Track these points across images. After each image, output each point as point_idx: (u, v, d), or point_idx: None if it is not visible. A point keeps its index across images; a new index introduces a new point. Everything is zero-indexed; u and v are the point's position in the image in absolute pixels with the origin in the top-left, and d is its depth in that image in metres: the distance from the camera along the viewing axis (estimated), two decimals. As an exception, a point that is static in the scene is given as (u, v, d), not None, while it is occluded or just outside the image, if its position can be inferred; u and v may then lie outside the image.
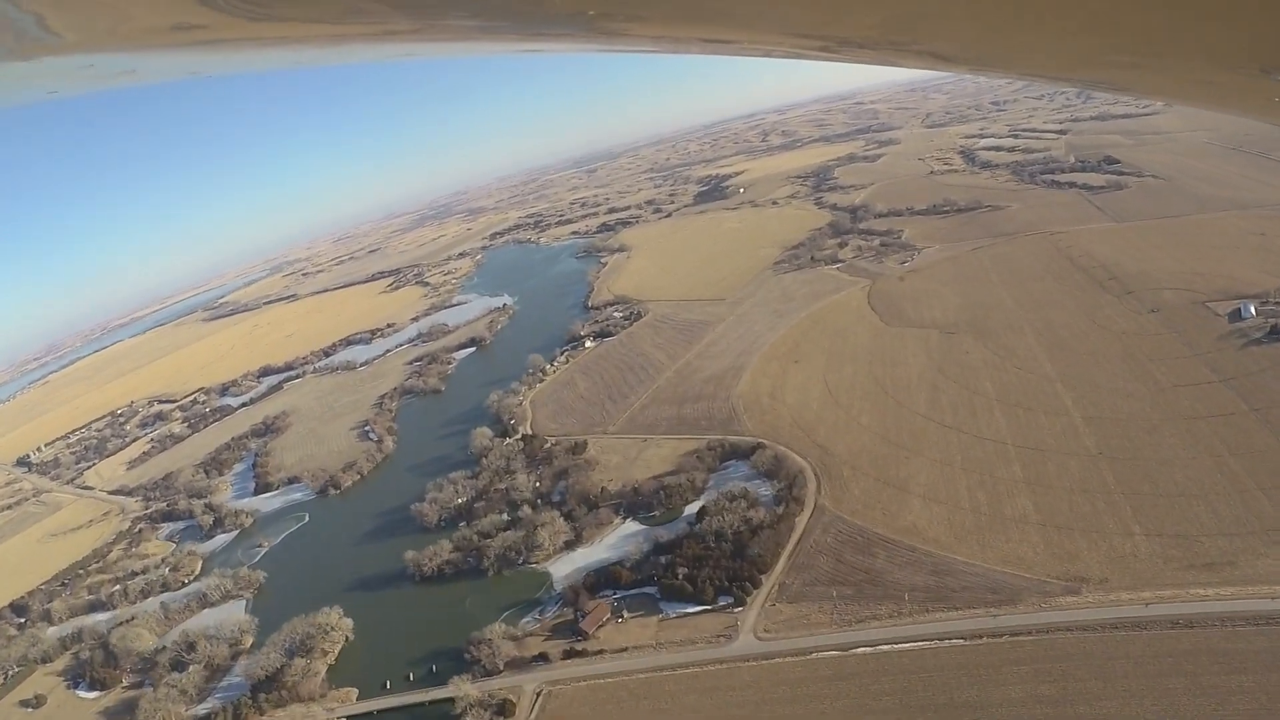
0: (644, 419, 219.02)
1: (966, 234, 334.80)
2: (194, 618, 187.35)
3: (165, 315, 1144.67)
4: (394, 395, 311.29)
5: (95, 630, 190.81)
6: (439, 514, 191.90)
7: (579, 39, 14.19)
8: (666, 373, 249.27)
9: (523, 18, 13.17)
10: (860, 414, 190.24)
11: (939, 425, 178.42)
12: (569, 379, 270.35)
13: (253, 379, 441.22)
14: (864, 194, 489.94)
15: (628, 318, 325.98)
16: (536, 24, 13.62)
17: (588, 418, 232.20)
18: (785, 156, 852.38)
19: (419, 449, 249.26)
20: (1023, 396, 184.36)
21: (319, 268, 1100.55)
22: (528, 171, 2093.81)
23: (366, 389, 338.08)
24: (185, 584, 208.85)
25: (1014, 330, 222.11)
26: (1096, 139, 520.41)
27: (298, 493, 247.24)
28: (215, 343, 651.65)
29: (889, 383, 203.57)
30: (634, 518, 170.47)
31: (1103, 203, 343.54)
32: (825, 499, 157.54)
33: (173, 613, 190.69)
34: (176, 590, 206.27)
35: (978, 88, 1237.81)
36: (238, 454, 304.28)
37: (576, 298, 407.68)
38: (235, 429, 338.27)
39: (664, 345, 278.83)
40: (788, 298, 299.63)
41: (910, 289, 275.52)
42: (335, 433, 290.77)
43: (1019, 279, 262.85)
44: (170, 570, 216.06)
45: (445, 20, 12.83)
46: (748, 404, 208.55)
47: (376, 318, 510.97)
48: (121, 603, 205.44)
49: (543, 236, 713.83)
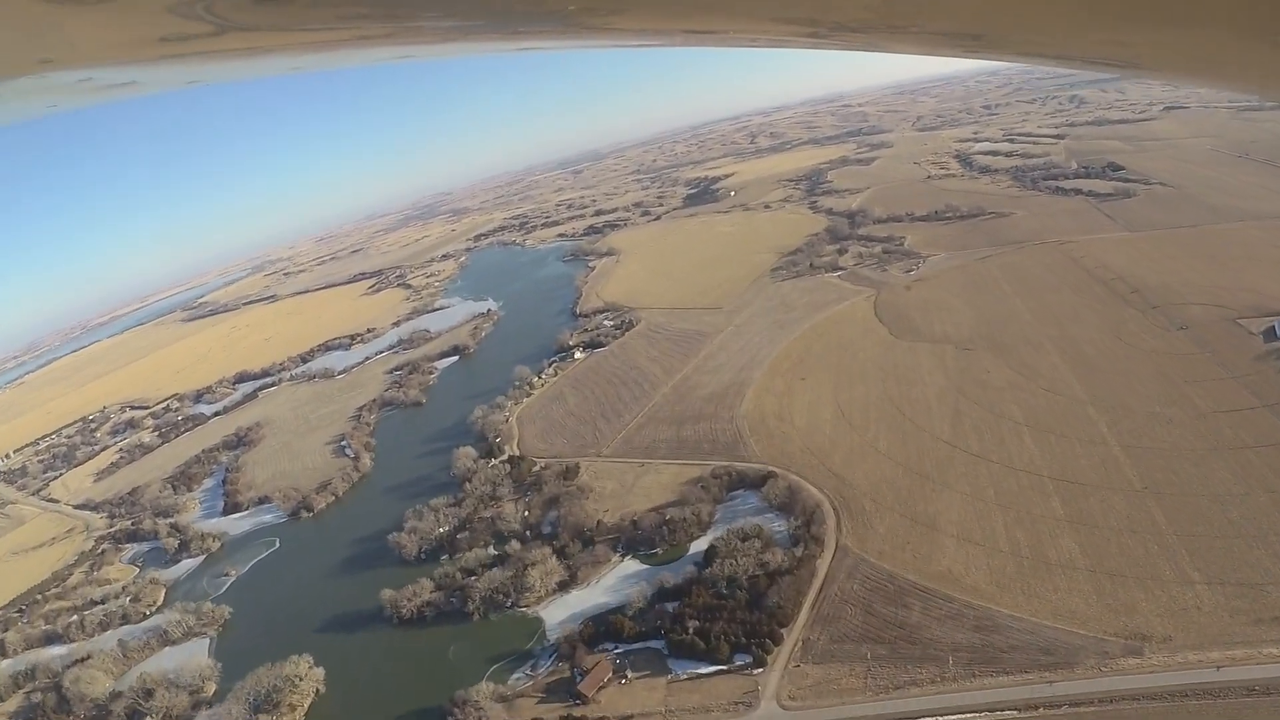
0: (640, 440, 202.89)
1: (972, 242, 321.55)
2: (154, 656, 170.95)
3: (145, 315, 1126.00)
4: (373, 407, 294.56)
5: (50, 668, 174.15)
6: (419, 546, 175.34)
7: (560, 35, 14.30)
8: (663, 389, 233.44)
9: (500, 16, 12.97)
10: (877, 439, 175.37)
11: (965, 453, 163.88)
12: (558, 393, 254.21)
13: (228, 385, 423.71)
14: (860, 198, 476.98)
15: (619, 327, 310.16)
16: (514, 22, 13.46)
17: (579, 437, 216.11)
18: (775, 159, 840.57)
19: (398, 468, 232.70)
20: (1053, 421, 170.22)
21: (300, 268, 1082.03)
22: (512, 172, 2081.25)
23: (344, 399, 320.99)
24: (146, 616, 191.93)
25: (1035, 347, 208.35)
26: (1095, 144, 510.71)
27: (268, 514, 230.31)
28: (192, 345, 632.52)
29: (905, 404, 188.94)
30: (634, 555, 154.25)
31: (1111, 210, 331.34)
32: (847, 538, 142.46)
33: (131, 651, 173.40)
34: (137, 623, 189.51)
35: (966, 91, 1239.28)
36: (208, 468, 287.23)
37: (564, 304, 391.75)
38: (207, 440, 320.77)
39: (659, 358, 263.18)
40: (788, 307, 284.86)
41: (918, 299, 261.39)
42: (310, 447, 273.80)
43: (1034, 290, 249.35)
44: (131, 600, 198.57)
45: (417, 22, 12.47)
46: (754, 425, 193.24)
47: (357, 322, 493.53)
48: (79, 636, 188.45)
49: (528, 239, 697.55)
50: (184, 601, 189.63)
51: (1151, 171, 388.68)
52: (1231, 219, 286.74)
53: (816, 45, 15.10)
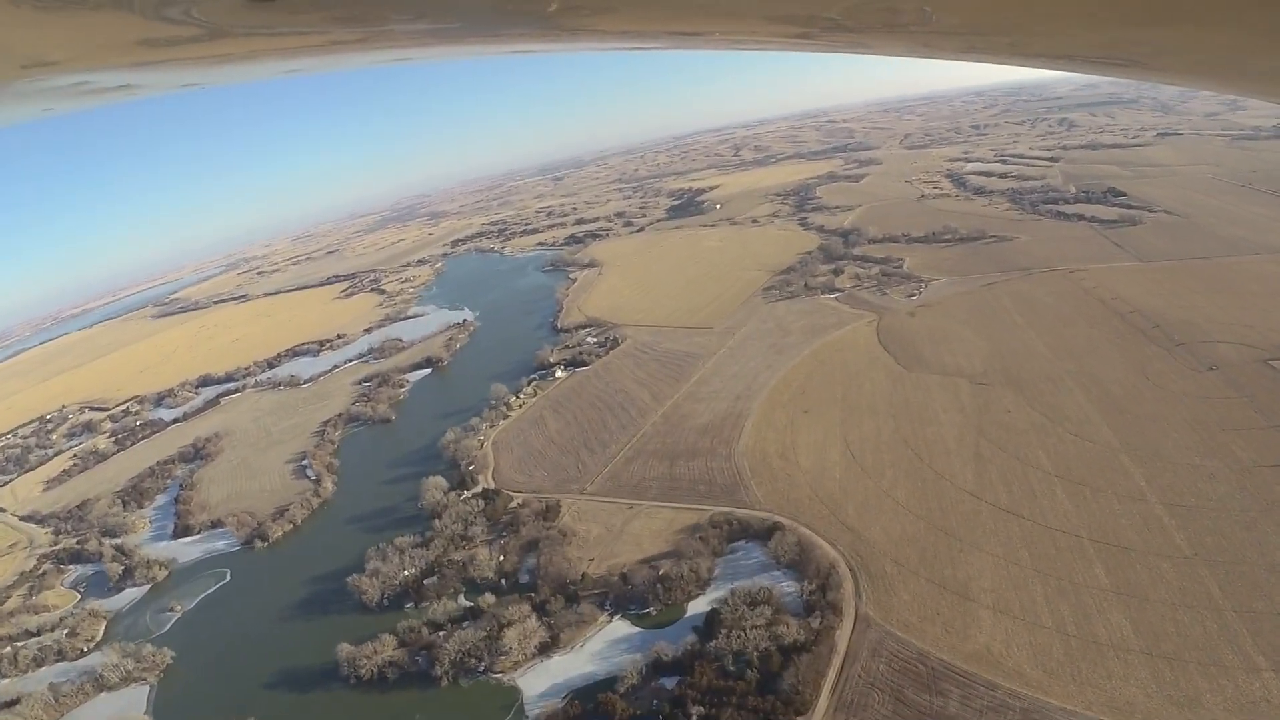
0: (629, 477, 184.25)
1: (975, 267, 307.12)
2: (87, 703, 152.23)
3: (116, 309, 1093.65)
4: (338, 422, 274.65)
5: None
6: (381, 591, 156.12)
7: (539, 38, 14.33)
8: (652, 417, 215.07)
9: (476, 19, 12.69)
10: (894, 486, 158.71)
11: (993, 507, 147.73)
12: (538, 416, 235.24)
13: (190, 389, 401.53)
14: (852, 216, 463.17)
15: (603, 344, 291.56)
16: (491, 25, 13.31)
17: (560, 470, 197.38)
18: (760, 172, 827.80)
19: (362, 495, 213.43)
20: (1086, 473, 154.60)
21: (275, 266, 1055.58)
22: (492, 177, 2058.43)
23: (309, 411, 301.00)
24: (84, 653, 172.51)
25: (1056, 384, 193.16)
26: (1092, 169, 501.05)
27: (221, 540, 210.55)
28: (159, 343, 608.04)
29: (921, 446, 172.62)
30: (624, 615, 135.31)
31: (1118, 238, 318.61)
32: (868, 606, 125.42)
33: (63, 696, 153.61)
34: (74, 660, 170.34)
35: (952, 110, 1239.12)
36: (162, 482, 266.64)
37: (544, 316, 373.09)
38: (163, 450, 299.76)
39: (647, 381, 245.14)
40: (784, 330, 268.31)
41: (924, 327, 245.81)
42: (270, 465, 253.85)
43: (1047, 322, 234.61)
44: (68, 634, 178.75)
45: (388, 26, 12.25)
46: (755, 465, 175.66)
47: (327, 327, 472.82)
48: (11, 671, 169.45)
49: (507, 246, 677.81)
50: (123, 642, 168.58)
51: (1154, 199, 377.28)
52: (1244, 251, 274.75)
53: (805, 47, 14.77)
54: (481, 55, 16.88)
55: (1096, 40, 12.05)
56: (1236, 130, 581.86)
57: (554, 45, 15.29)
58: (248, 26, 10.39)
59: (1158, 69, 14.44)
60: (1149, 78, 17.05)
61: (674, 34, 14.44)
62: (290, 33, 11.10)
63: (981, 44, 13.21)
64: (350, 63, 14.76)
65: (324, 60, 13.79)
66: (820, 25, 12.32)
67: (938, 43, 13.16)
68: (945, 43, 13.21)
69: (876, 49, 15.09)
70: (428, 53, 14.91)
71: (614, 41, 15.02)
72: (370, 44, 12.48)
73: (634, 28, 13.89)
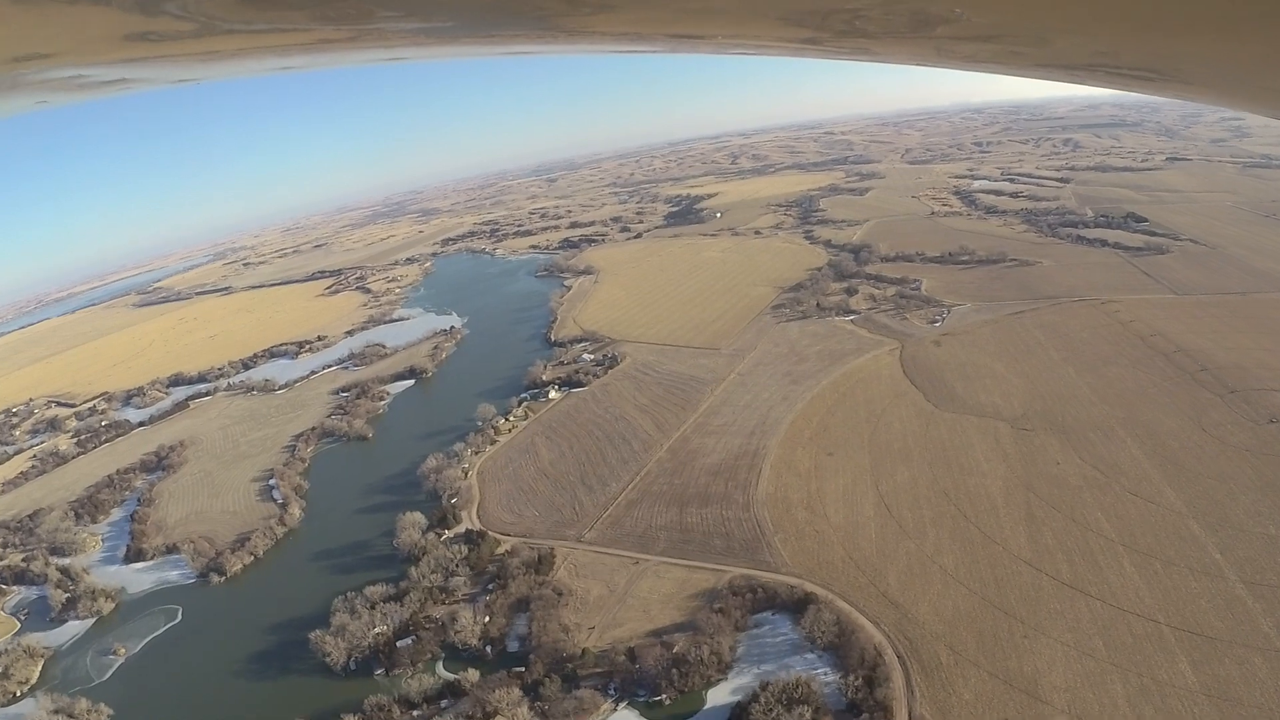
0: (633, 524, 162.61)
1: (998, 292, 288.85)
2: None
3: (100, 295, 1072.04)
4: (311, 437, 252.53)
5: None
6: (348, 653, 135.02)
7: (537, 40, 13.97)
8: (657, 451, 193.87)
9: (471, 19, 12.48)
10: (939, 550, 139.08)
11: (1054, 580, 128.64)
12: (529, 443, 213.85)
13: (160, 388, 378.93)
14: (860, 232, 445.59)
15: (600, 363, 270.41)
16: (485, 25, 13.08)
17: (554, 510, 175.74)
18: (760, 181, 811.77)
19: (332, 525, 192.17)
20: (1152, 541, 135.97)
21: (261, 258, 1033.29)
22: (485, 175, 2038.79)
23: (281, 422, 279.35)
24: (16, 697, 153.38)
25: (1105, 433, 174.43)
26: (1105, 191, 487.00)
27: (175, 570, 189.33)
28: (136, 335, 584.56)
29: (964, 500, 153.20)
30: (630, 702, 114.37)
31: (1147, 268, 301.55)
32: (924, 706, 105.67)
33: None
34: (4, 706, 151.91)
35: (952, 126, 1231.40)
36: (119, 494, 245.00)
37: (536, 327, 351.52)
38: (125, 456, 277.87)
39: (650, 408, 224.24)
40: (798, 355, 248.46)
41: (952, 359, 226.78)
42: (234, 482, 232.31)
43: (1086, 359, 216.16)
44: (1, 675, 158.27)
45: (375, 25, 12.05)
46: (777, 517, 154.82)
47: (307, 327, 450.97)
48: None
49: (499, 248, 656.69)
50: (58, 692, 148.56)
51: (1178, 226, 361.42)
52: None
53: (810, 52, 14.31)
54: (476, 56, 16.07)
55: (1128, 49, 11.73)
56: (1246, 157, 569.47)
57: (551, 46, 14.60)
58: (236, 23, 10.21)
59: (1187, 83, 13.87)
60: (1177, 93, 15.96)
61: (675, 36, 14.04)
62: (276, 30, 10.84)
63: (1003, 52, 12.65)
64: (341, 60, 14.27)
65: (314, 58, 13.47)
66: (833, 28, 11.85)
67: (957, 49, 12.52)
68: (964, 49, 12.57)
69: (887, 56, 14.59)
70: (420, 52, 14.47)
71: (613, 43, 14.40)
72: (360, 43, 12.23)
73: (634, 29, 13.45)
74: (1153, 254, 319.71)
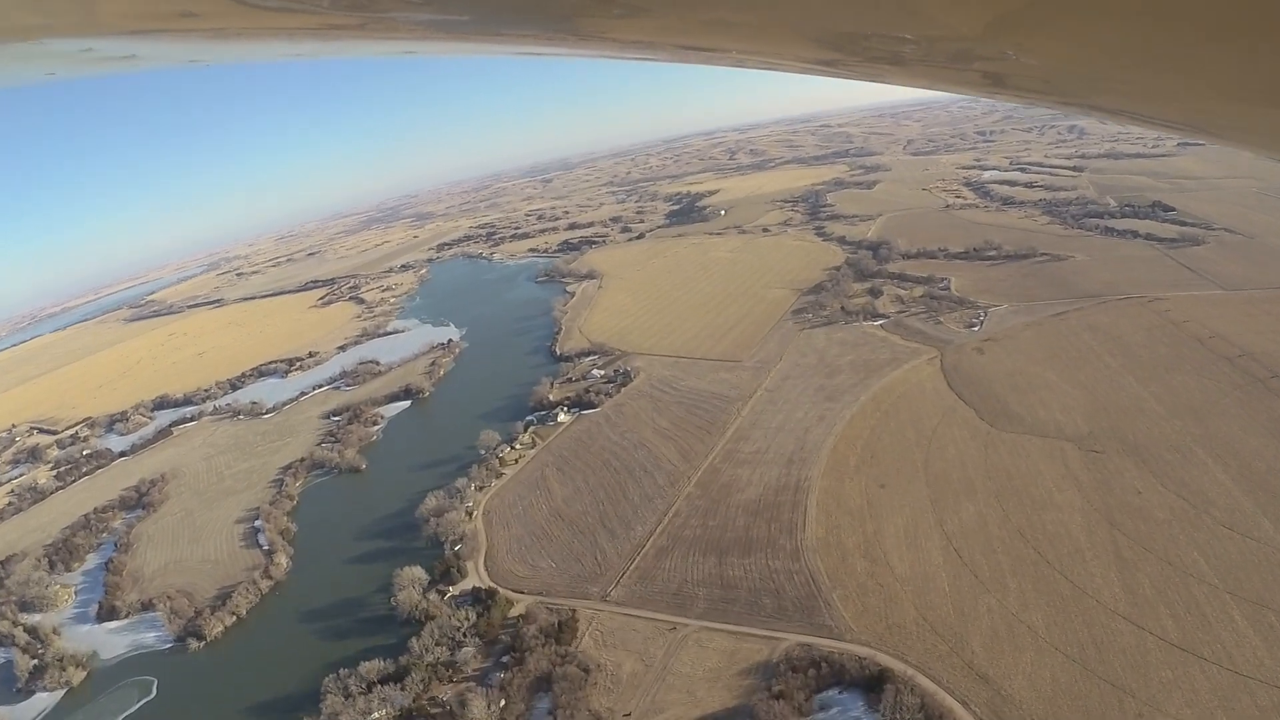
0: (665, 578, 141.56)
1: (1034, 290, 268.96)
2: None
3: (93, 309, 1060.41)
4: (299, 470, 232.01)
5: None
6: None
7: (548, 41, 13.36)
8: (684, 485, 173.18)
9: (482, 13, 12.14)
10: (1024, 605, 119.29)
11: (1160, 641, 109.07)
12: (539, 476, 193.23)
13: (145, 412, 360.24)
14: (874, 227, 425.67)
15: (612, 379, 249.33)
16: (500, 23, 12.75)
17: (573, 560, 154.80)
18: (761, 177, 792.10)
19: (322, 578, 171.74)
20: (1260, 586, 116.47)
21: (254, 268, 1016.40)
22: (479, 177, 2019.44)
23: (268, 452, 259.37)
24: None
25: (1183, 454, 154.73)
26: (1122, 179, 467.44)
27: (151, 632, 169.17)
28: (124, 352, 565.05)
29: (1043, 541, 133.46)
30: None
31: (1187, 260, 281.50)
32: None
33: None
34: None
35: (950, 116, 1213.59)
36: (96, 537, 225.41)
37: (540, 338, 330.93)
38: (104, 492, 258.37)
39: (671, 432, 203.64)
40: (829, 367, 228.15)
41: (999, 369, 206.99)
42: (217, 524, 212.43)
43: (1145, 366, 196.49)
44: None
45: (389, 14, 11.76)
46: (833, 568, 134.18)
47: (298, 342, 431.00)
48: None
49: (496, 252, 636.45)
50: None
51: (1208, 215, 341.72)
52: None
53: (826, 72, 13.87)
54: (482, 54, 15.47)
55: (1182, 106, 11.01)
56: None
57: (561, 49, 14.04)
58: None
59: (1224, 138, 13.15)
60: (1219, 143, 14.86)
61: (689, 48, 13.37)
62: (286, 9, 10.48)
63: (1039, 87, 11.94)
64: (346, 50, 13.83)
65: (319, 45, 13.20)
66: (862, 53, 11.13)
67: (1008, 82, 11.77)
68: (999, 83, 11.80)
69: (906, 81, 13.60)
70: (426, 47, 14.06)
71: (626, 50, 13.95)
72: (368, 31, 11.88)
73: (652, 38, 12.83)
74: (1188, 245, 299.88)
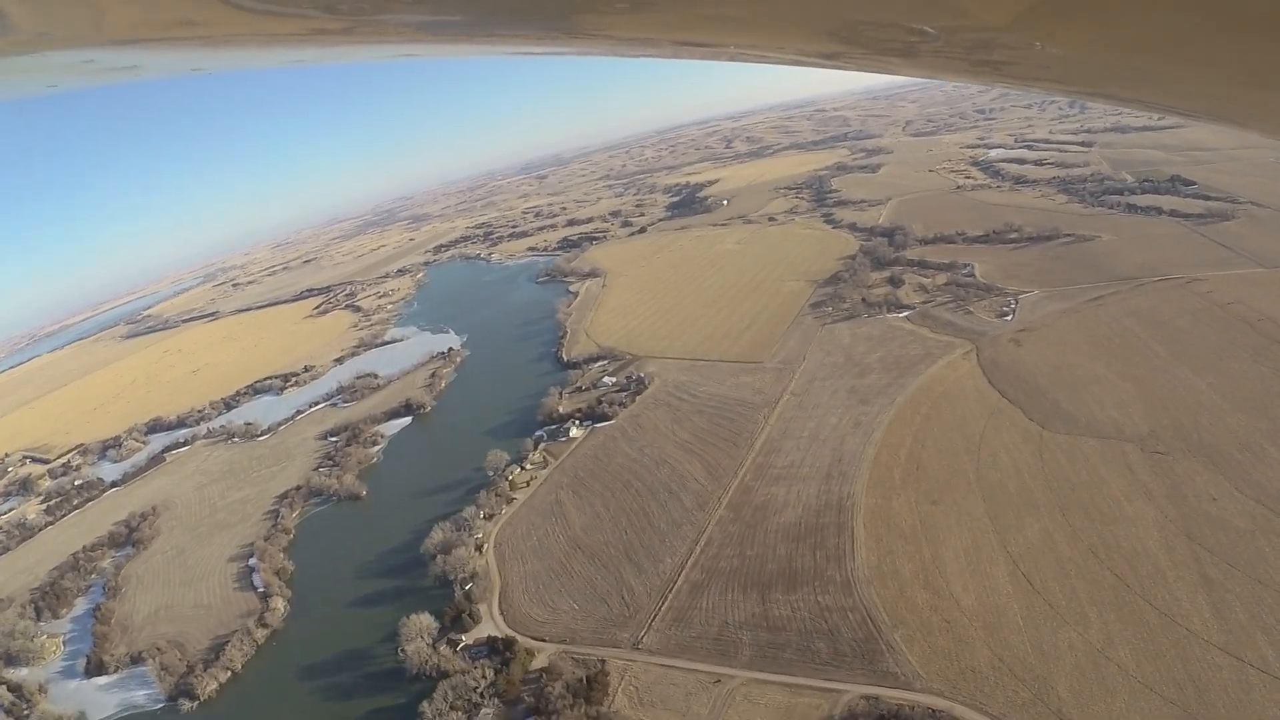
0: (702, 620, 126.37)
1: (1064, 274, 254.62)
2: None
3: (90, 326, 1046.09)
4: (296, 499, 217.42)
5: None
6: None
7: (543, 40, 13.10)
8: (714, 507, 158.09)
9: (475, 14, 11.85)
10: (1110, 640, 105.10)
11: (1263, 675, 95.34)
12: (553, 501, 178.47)
13: (139, 436, 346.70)
14: (885, 212, 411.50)
15: (625, 387, 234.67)
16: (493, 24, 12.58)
17: (597, 598, 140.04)
18: (760, 164, 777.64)
19: (322, 625, 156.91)
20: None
21: (250, 278, 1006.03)
22: (474, 177, 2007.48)
23: (263, 479, 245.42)
24: None
25: (1255, 453, 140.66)
26: (1135, 154, 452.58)
27: (141, 689, 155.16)
28: (119, 372, 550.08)
29: (1119, 561, 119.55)
30: None
31: (1218, 237, 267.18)
32: None
33: None
34: None
35: (946, 96, 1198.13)
36: (84, 579, 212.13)
37: (544, 343, 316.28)
38: (94, 528, 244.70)
39: (694, 445, 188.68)
40: (857, 366, 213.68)
41: (1041, 362, 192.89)
42: (209, 563, 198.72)
43: (1197, 355, 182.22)
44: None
45: (377, 17, 11.50)
46: (891, 602, 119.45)
47: (294, 355, 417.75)
48: None
49: (494, 252, 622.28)
50: None
51: (1231, 188, 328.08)
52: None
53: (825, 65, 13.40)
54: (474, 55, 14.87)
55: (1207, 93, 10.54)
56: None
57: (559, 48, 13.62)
58: None
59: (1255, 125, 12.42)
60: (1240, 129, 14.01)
61: (687, 44, 13.04)
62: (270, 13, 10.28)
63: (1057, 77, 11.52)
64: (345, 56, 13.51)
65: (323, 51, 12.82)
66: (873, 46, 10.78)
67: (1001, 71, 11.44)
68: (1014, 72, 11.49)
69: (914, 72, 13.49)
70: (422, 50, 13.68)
71: (623, 48, 13.52)
72: (357, 36, 11.54)
73: (648, 35, 12.67)
74: (1217, 220, 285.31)
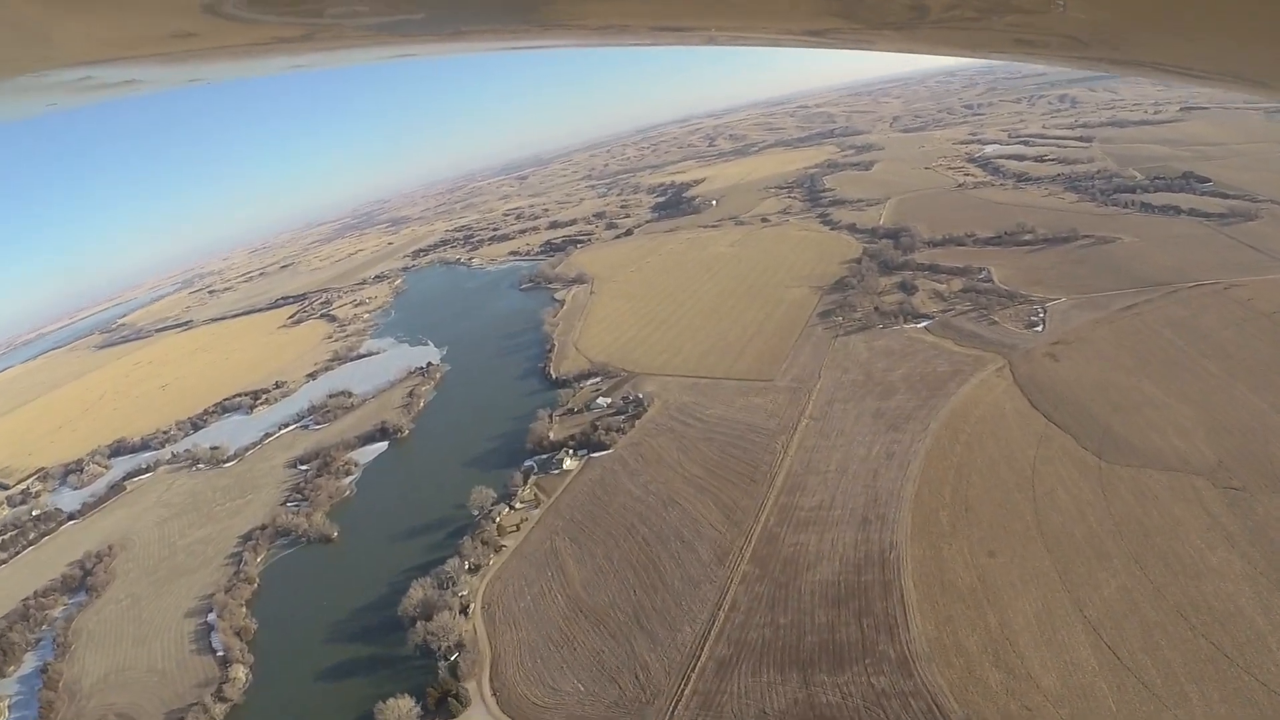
0: (734, 705, 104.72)
1: (1090, 280, 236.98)
2: None
3: (66, 335, 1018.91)
4: (261, 541, 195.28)
5: None
6: None
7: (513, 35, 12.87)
8: (737, 561, 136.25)
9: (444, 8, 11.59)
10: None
11: None
12: (547, 550, 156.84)
13: (101, 461, 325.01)
14: (885, 212, 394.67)
15: (622, 410, 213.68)
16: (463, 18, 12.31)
17: (605, 675, 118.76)
18: (747, 163, 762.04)
19: (288, 702, 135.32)
20: None
21: (227, 284, 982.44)
22: (453, 178, 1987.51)
23: (227, 514, 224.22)
24: None
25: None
26: (1136, 149, 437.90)
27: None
28: (88, 386, 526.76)
29: (1211, 625, 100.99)
30: None
31: (1247, 239, 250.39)
32: None
33: None
34: None
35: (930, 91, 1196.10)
36: (34, 632, 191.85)
37: (530, 358, 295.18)
38: (48, 567, 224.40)
39: (704, 481, 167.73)
40: (880, 385, 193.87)
41: (1083, 380, 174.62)
42: (165, 616, 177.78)
43: (1251, 371, 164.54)
44: None
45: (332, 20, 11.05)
46: (958, 685, 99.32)
47: (265, 370, 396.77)
48: None
49: (475, 257, 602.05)
50: None
51: (1247, 185, 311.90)
52: None
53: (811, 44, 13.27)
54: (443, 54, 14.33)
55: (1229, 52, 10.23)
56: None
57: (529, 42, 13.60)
58: None
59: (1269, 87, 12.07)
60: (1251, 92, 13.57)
61: (662, 28, 12.99)
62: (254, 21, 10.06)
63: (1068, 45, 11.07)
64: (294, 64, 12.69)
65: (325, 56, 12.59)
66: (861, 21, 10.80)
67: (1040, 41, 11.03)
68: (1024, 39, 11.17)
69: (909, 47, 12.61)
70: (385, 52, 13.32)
71: (595, 37, 13.57)
72: (317, 43, 11.18)
73: (622, 21, 12.52)
74: (1241, 220, 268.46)
